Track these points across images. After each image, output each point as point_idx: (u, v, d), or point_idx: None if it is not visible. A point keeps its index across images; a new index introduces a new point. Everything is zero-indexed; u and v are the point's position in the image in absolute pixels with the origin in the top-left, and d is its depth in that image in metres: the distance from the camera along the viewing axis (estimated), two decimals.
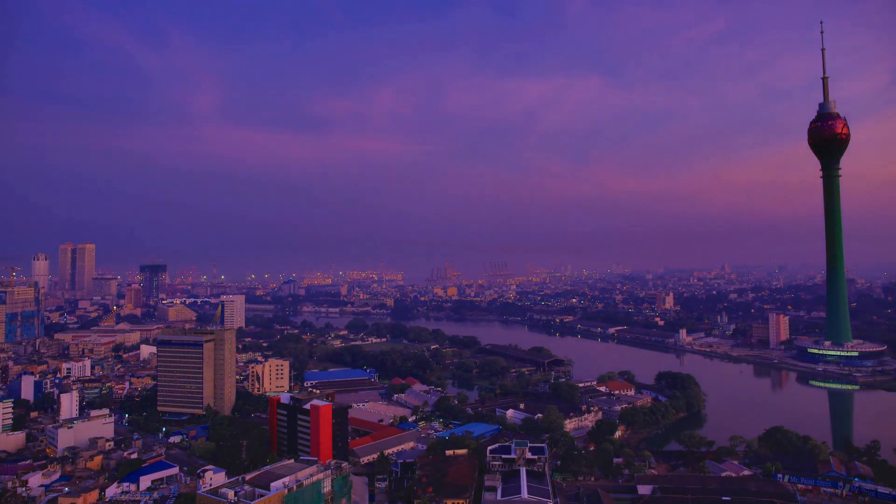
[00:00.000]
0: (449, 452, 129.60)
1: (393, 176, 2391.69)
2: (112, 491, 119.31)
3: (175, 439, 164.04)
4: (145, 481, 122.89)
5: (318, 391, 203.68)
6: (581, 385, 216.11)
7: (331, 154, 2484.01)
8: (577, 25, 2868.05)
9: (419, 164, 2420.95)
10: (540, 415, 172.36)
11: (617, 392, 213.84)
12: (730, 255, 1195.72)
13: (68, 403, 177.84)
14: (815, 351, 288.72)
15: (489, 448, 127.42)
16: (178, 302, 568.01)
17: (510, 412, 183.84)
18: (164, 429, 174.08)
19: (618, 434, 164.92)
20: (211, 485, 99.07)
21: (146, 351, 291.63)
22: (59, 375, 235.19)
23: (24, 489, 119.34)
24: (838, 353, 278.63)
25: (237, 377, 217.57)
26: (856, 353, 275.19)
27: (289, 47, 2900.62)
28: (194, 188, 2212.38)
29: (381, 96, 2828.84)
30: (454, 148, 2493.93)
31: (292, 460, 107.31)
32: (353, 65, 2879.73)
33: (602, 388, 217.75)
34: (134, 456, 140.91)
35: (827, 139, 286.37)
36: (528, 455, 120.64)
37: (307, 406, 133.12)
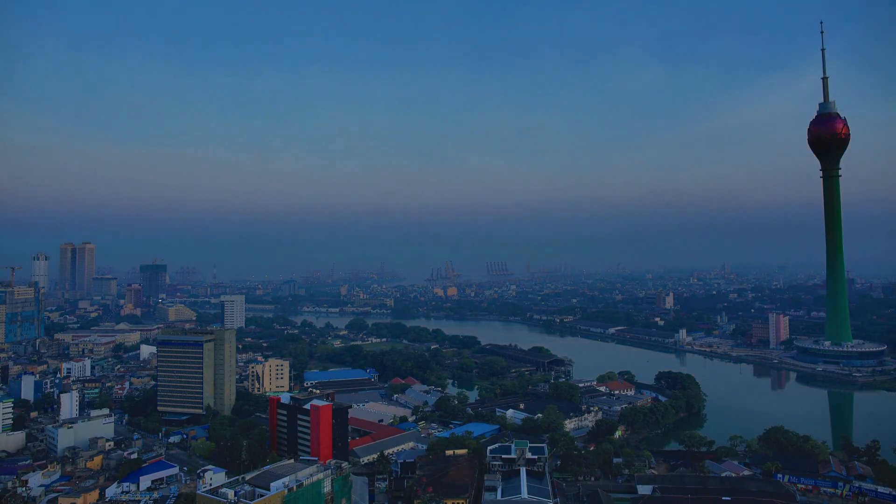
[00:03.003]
0: (449, 452, 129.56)
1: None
2: (112, 491, 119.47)
3: (175, 439, 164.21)
4: (145, 481, 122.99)
5: (318, 391, 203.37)
6: (581, 385, 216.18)
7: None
8: None
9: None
10: (540, 415, 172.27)
11: (617, 392, 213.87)
12: (730, 255, 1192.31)
13: (68, 403, 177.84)
14: (816, 350, 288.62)
15: (489, 448, 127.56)
16: (178, 303, 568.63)
17: (510, 412, 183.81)
18: (164, 429, 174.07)
19: (618, 434, 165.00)
20: (211, 485, 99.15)
21: (146, 351, 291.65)
22: (59, 375, 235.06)
23: (24, 489, 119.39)
24: (838, 352, 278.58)
25: (237, 377, 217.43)
26: (856, 353, 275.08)
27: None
28: None
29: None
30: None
31: (292, 460, 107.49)
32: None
33: (602, 388, 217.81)
34: (134, 456, 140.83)
35: (827, 139, 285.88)
36: (528, 455, 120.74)
37: (307, 406, 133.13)
